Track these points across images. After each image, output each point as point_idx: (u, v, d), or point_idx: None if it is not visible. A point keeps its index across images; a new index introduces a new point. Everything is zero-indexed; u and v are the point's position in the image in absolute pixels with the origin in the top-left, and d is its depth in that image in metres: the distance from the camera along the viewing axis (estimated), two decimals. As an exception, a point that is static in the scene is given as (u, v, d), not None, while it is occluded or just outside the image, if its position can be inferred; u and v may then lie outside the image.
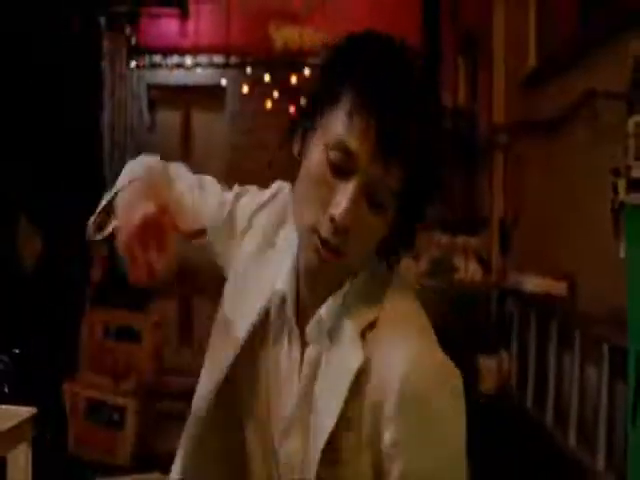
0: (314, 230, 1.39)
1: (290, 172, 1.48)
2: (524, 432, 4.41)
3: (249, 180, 1.74)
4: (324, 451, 1.41)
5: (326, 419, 1.42)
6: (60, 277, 6.32)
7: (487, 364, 4.95)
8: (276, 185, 1.68)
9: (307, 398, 1.49)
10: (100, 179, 8.43)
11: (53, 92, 6.85)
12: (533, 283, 4.48)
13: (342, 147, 1.36)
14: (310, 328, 1.49)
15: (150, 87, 9.67)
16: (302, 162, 1.44)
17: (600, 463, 3.44)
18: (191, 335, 8.21)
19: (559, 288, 4.26)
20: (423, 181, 1.41)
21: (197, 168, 1.85)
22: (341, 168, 1.36)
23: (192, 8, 9.31)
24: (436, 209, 1.56)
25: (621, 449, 3.13)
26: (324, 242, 1.38)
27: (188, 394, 1.65)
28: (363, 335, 1.44)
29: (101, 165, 8.70)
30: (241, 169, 8.77)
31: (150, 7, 9.25)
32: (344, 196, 1.35)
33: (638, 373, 2.47)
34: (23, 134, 6.38)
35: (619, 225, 2.71)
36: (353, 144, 1.35)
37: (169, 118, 9.69)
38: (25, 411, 2.50)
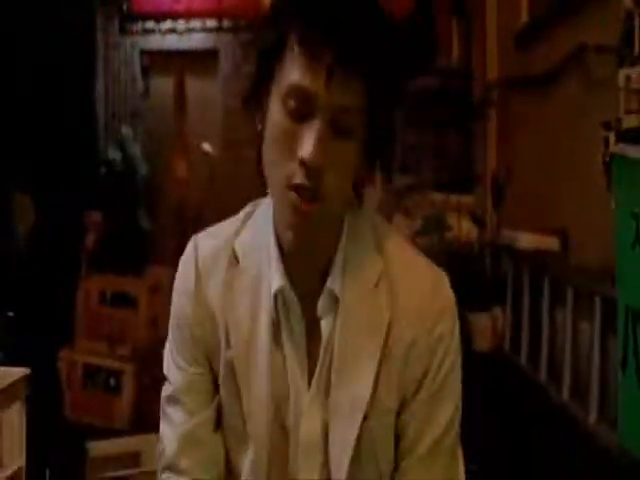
0: (288, 183, 1.38)
1: None
2: (518, 388, 4.43)
3: (243, 144, 1.71)
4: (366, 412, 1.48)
5: (359, 389, 1.48)
6: (54, 245, 6.33)
7: (481, 321, 4.96)
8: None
9: (324, 374, 1.51)
10: (94, 147, 8.44)
11: (46, 63, 6.84)
12: (526, 239, 4.48)
13: (297, 90, 1.35)
14: (322, 302, 1.50)
15: (143, 53, 9.63)
16: (264, 127, 1.43)
17: (593, 415, 3.46)
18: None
19: (552, 243, 4.26)
20: (384, 88, 1.40)
21: (191, 133, 1.80)
22: (301, 111, 1.36)
23: (184, -28, 9.24)
24: (430, 168, 1.58)
25: (613, 401, 3.14)
26: (300, 189, 1.36)
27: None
28: (377, 288, 1.50)
29: (95, 133, 8.70)
30: (236, 133, 8.76)
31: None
32: (309, 137, 1.35)
33: (627, 323, 2.48)
34: (16, 106, 6.37)
35: (610, 178, 2.70)
36: (308, 82, 1.34)
37: (163, 84, 9.65)
38: (18, 371, 2.52)
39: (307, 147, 1.34)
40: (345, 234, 1.51)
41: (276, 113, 1.39)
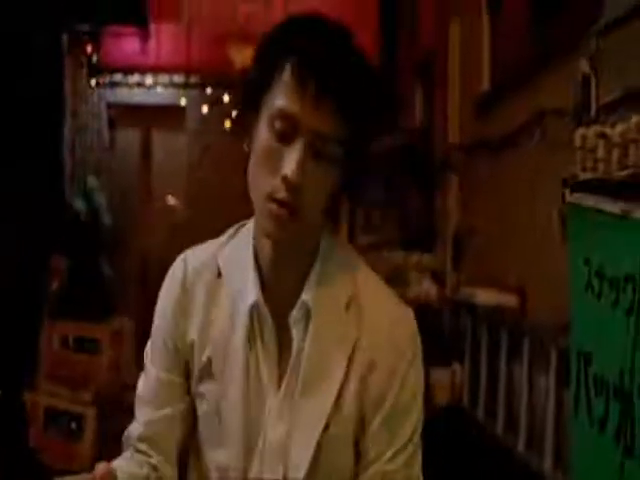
0: (269, 197, 1.52)
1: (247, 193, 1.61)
2: (476, 441, 4.51)
3: (208, 199, 1.83)
4: (326, 423, 1.59)
5: (323, 398, 1.60)
6: (17, 289, 6.34)
7: (440, 376, 5.06)
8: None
9: (292, 382, 1.63)
10: (60, 198, 8.45)
11: (14, 111, 6.88)
12: (485, 296, 4.60)
13: (284, 114, 1.50)
14: (295, 313, 1.62)
15: (110, 106, 9.69)
16: (251, 149, 1.58)
17: (548, 465, 3.56)
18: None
19: (509, 300, 4.37)
20: (363, 122, 1.56)
21: (156, 187, 1.91)
22: (285, 134, 1.51)
23: (153, 27, 9.35)
24: (392, 227, 1.72)
25: (568, 450, 3.23)
26: (280, 202, 1.51)
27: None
28: (347, 310, 1.63)
29: (61, 182, 8.72)
30: (200, 188, 8.85)
31: (112, 26, 9.27)
32: (292, 156, 1.50)
33: (579, 366, 2.60)
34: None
35: (566, 229, 2.83)
36: (293, 107, 1.49)
37: (129, 137, 9.73)
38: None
39: (290, 165, 1.49)
40: (320, 255, 1.65)
41: (263, 134, 1.54)
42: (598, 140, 2.65)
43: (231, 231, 1.75)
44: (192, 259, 1.72)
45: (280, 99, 1.51)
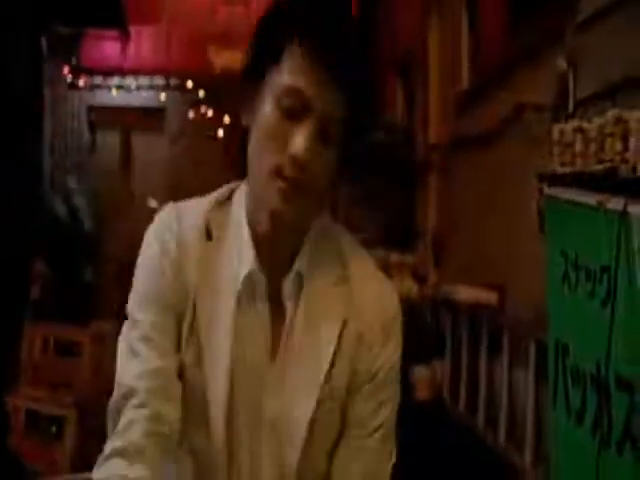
0: (276, 172, 1.52)
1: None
2: (456, 437, 4.52)
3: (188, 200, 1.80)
4: (319, 398, 1.61)
5: (314, 372, 1.61)
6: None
7: (421, 374, 5.06)
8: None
9: (286, 356, 1.63)
10: (39, 200, 8.43)
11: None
12: (465, 293, 4.62)
13: (294, 91, 1.50)
14: (288, 283, 1.63)
15: (91, 108, 9.69)
16: (252, 126, 1.57)
17: (527, 459, 3.57)
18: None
19: (489, 296, 4.39)
20: (363, 103, 1.57)
21: (137, 189, 1.89)
22: (294, 111, 1.51)
23: (133, 30, 9.35)
24: (372, 226, 1.74)
25: (547, 444, 3.24)
26: (288, 179, 1.51)
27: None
28: (337, 286, 1.65)
29: (41, 184, 8.69)
30: (181, 190, 8.84)
31: (91, 29, 9.26)
32: (302, 135, 1.50)
33: (557, 357, 2.61)
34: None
35: (543, 223, 2.85)
36: (304, 86, 1.50)
37: (109, 139, 9.73)
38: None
39: (299, 144, 1.49)
40: (313, 232, 1.66)
41: (268, 110, 1.53)
42: (576, 135, 2.67)
43: (219, 195, 1.72)
44: (185, 215, 1.67)
45: (289, 76, 1.51)
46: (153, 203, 8.93)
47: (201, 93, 9.56)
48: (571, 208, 2.59)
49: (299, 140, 1.49)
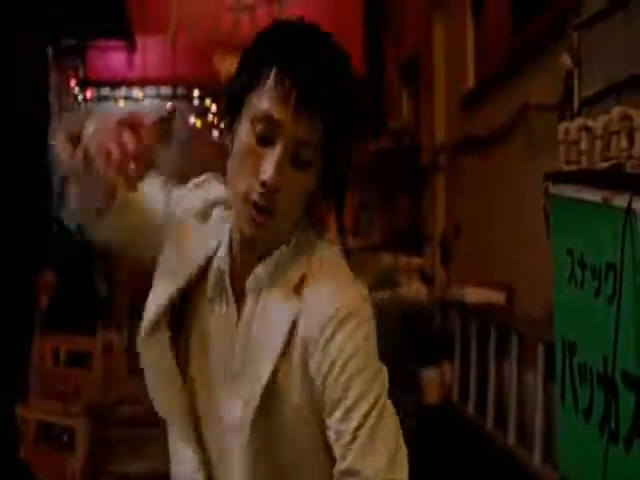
0: (247, 198, 1.53)
1: None
2: (466, 438, 4.50)
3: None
4: (261, 399, 1.59)
5: (263, 368, 1.60)
6: (6, 305, 6.33)
7: (430, 376, 5.05)
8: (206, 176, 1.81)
9: (244, 352, 1.64)
10: (47, 210, 8.44)
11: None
12: (473, 294, 4.60)
13: (266, 118, 1.52)
14: (249, 282, 1.64)
15: (98, 119, 9.68)
16: (233, 146, 1.59)
17: (537, 457, 3.55)
18: (139, 364, 8.20)
19: (498, 297, 4.37)
20: (342, 129, 1.58)
21: None
22: (266, 137, 1.53)
23: (139, 40, 9.35)
24: (380, 229, 1.72)
25: (557, 443, 3.23)
26: (256, 206, 1.53)
27: (137, 421, 1.73)
28: (296, 290, 1.62)
29: (49, 198, 8.70)
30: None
31: (98, 40, 9.28)
32: (271, 161, 1.51)
33: (564, 356, 2.59)
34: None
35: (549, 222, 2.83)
36: (276, 113, 1.51)
37: (117, 150, 9.70)
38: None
39: (267, 170, 1.51)
40: (293, 241, 1.65)
41: (244, 134, 1.55)
42: (581, 133, 2.66)
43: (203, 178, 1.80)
44: (213, 192, 1.74)
45: (263, 103, 1.52)
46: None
47: (208, 101, 9.56)
48: (576, 206, 2.58)
49: (268, 167, 1.51)
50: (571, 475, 2.58)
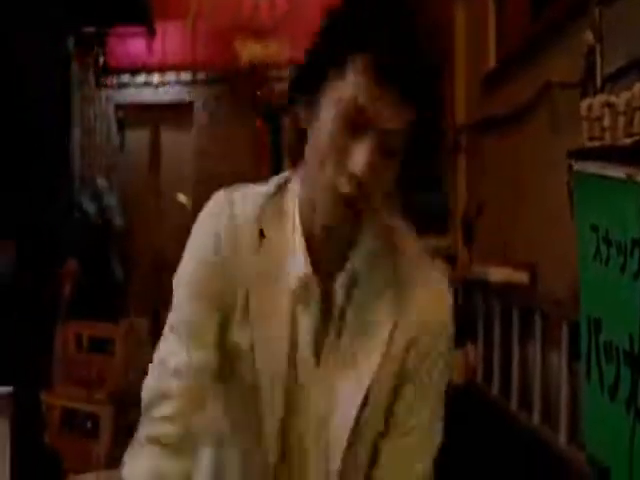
0: (334, 189, 1.48)
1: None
2: (491, 419, 4.48)
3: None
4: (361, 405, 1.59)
5: (362, 374, 1.59)
6: (31, 293, 6.37)
7: (454, 358, 5.02)
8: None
9: (331, 356, 1.62)
10: (70, 198, 8.47)
11: (22, 116, 6.90)
12: (496, 273, 4.56)
13: (357, 107, 1.46)
14: (340, 282, 1.60)
15: (118, 107, 9.71)
16: (311, 129, 1.54)
17: (563, 439, 3.52)
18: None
19: (521, 276, 4.34)
20: (432, 118, 1.54)
21: (166, 185, 1.85)
22: (356, 126, 1.46)
23: (158, 26, 9.33)
24: (403, 213, 1.68)
25: (582, 423, 3.21)
26: (345, 198, 1.48)
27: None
28: (390, 284, 1.62)
29: (71, 184, 8.74)
30: (210, 185, 8.83)
31: (117, 26, 9.27)
32: (362, 153, 1.46)
33: (590, 333, 2.57)
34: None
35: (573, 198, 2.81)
36: (367, 101, 1.45)
37: (138, 137, 9.73)
38: (2, 390, 2.59)
39: (359, 162, 1.45)
40: (369, 226, 1.61)
41: (328, 122, 1.48)
42: (604, 109, 2.64)
43: (271, 188, 1.68)
44: (237, 208, 1.63)
45: (352, 91, 1.46)
46: (182, 198, 8.94)
47: (228, 86, 9.54)
48: (600, 182, 2.56)
49: (358, 158, 1.46)
50: (598, 454, 2.55)
